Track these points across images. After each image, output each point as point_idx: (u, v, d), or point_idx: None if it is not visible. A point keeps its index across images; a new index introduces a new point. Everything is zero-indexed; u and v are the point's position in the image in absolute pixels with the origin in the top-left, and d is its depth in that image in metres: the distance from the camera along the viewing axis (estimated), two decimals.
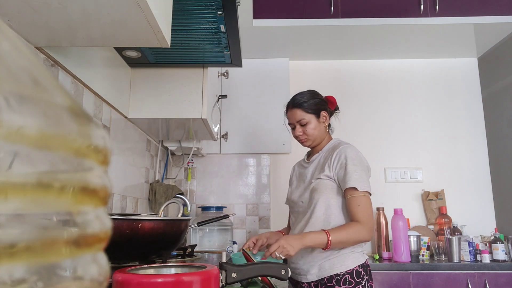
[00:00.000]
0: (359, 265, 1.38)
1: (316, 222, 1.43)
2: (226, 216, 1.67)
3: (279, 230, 1.68)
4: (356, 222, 1.35)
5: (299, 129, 1.53)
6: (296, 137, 1.56)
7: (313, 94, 1.57)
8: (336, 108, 1.63)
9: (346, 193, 1.39)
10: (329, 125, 1.60)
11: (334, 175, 1.44)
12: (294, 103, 1.54)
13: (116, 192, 1.63)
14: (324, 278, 1.38)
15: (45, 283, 0.21)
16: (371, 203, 1.40)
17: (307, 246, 1.31)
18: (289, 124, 1.59)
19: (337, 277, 1.36)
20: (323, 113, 1.54)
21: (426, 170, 2.67)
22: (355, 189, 1.36)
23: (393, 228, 2.20)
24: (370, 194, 1.40)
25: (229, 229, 2.26)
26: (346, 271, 1.37)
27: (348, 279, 1.36)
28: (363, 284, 1.37)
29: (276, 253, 1.25)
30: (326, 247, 1.31)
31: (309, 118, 1.52)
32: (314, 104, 1.53)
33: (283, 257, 1.26)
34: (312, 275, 1.41)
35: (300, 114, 1.52)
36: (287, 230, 1.67)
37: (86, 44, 1.02)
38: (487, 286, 1.97)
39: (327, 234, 1.31)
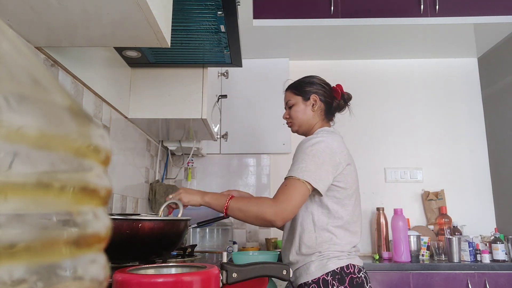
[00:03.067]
0: (326, 273, 1.21)
1: (286, 226, 1.35)
2: (227, 217, 1.67)
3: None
4: (267, 197, 1.21)
5: (286, 112, 1.45)
6: (286, 122, 1.47)
7: (307, 77, 1.47)
8: (345, 99, 1.48)
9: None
10: (331, 114, 1.47)
11: None
12: (289, 85, 1.47)
13: (116, 192, 1.63)
14: (298, 286, 1.27)
15: (45, 283, 0.21)
16: (303, 192, 1.17)
17: (206, 202, 1.25)
18: (284, 108, 1.50)
19: (305, 287, 1.24)
20: (314, 96, 1.40)
21: (426, 170, 2.67)
22: (293, 177, 1.19)
23: (393, 228, 2.20)
24: (318, 190, 1.19)
25: (229, 229, 2.26)
26: (311, 280, 1.22)
27: None
28: None
29: (170, 195, 1.26)
30: (224, 211, 1.21)
31: (296, 100, 1.41)
32: (304, 86, 1.42)
33: (175, 201, 1.25)
34: (293, 283, 1.33)
35: (288, 95, 1.45)
36: None
37: (86, 44, 1.02)
38: (487, 286, 1.96)
39: (228, 198, 1.21)
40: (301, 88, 1.42)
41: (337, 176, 1.26)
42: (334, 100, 1.46)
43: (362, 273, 1.26)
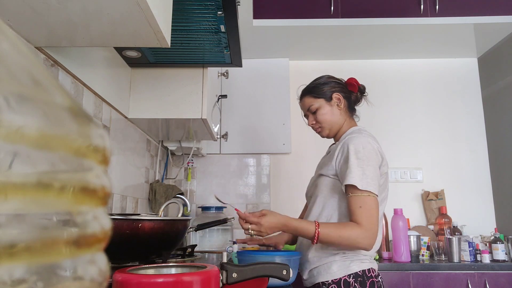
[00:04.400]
0: (348, 275, 1.20)
1: None
2: (225, 221, 1.66)
3: None
4: (354, 224, 1.16)
5: (311, 118, 1.40)
6: (313, 128, 1.42)
7: (319, 78, 1.42)
8: (361, 91, 1.44)
9: (346, 191, 1.21)
10: (353, 109, 1.42)
11: (338, 170, 1.26)
12: (302, 91, 1.42)
13: (116, 192, 1.63)
14: (314, 285, 1.26)
15: (45, 283, 0.21)
16: (376, 205, 1.18)
17: (289, 231, 1.21)
18: (304, 116, 1.46)
19: (323, 286, 1.22)
20: (336, 95, 1.37)
21: (426, 170, 2.67)
22: (355, 187, 1.17)
23: (393, 228, 2.20)
24: (376, 195, 1.19)
25: (229, 229, 2.26)
26: (332, 280, 1.21)
27: None
28: None
29: (250, 230, 1.19)
30: (314, 239, 1.15)
31: (319, 103, 1.36)
32: (322, 87, 1.37)
33: (254, 235, 1.20)
34: (305, 281, 1.32)
35: (308, 100, 1.39)
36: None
37: (86, 44, 1.01)
38: (487, 286, 1.96)
39: (316, 225, 1.16)
40: (319, 90, 1.38)
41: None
42: (352, 94, 1.42)
43: (381, 277, 1.26)
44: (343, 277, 1.20)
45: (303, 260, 1.32)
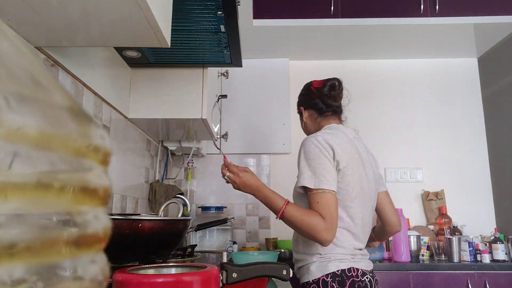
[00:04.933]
0: (326, 275, 1.21)
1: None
2: (225, 221, 1.66)
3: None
4: (318, 214, 1.16)
5: None
6: None
7: (301, 90, 1.52)
8: (326, 87, 1.41)
9: (305, 191, 1.24)
10: (325, 111, 1.42)
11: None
12: None
13: (116, 192, 1.63)
14: (301, 284, 1.29)
15: (45, 283, 0.21)
16: (335, 201, 1.18)
17: (259, 198, 1.26)
18: None
19: (307, 286, 1.25)
20: (301, 109, 1.49)
21: (426, 170, 2.67)
22: (309, 188, 1.20)
23: None
24: (334, 191, 1.19)
25: (229, 229, 2.26)
26: (312, 280, 1.23)
27: None
28: None
29: (227, 176, 1.30)
30: (278, 213, 1.19)
31: (299, 117, 1.51)
32: (297, 102, 1.52)
33: (229, 183, 1.31)
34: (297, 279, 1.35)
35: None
36: None
37: (86, 44, 1.01)
38: (487, 286, 1.96)
39: (285, 202, 1.20)
40: (297, 104, 1.52)
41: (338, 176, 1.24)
42: (315, 98, 1.42)
43: (367, 277, 1.24)
44: (321, 277, 1.21)
45: (294, 258, 1.38)
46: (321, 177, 1.19)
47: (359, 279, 1.22)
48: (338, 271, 1.21)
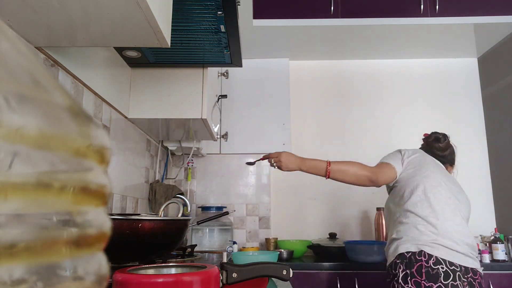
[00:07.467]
0: (396, 256, 1.36)
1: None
2: (226, 213, 1.67)
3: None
4: (359, 163, 1.50)
5: None
6: None
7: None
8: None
9: None
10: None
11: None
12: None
13: (116, 192, 1.63)
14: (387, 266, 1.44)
15: (45, 283, 0.21)
16: (389, 168, 1.49)
17: (304, 170, 1.47)
18: None
19: (389, 268, 1.39)
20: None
21: None
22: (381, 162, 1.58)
23: None
24: (394, 166, 1.51)
25: (229, 229, 2.26)
26: (390, 263, 1.38)
27: (390, 271, 1.37)
28: (398, 277, 1.31)
29: (272, 160, 1.51)
30: (326, 175, 1.43)
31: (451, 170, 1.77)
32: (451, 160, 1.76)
33: (275, 166, 1.52)
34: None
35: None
36: None
37: (86, 44, 1.01)
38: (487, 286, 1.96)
39: (327, 163, 1.44)
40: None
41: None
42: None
43: (441, 266, 1.27)
44: (393, 259, 1.35)
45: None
46: (389, 160, 1.54)
47: (428, 264, 1.30)
48: (406, 253, 1.34)
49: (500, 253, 2.09)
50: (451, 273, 1.26)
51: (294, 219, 2.64)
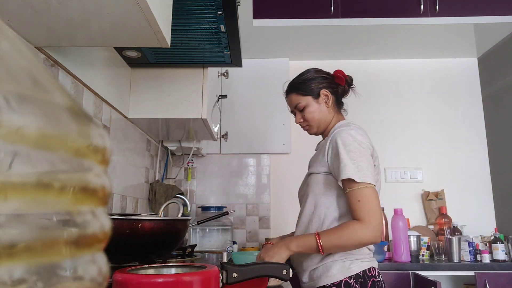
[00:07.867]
0: (348, 276, 1.15)
1: (303, 224, 1.28)
2: (226, 213, 1.67)
3: (286, 234, 1.53)
4: (354, 221, 1.11)
5: (298, 116, 1.35)
6: (300, 126, 1.39)
7: (304, 73, 1.36)
8: (349, 83, 1.41)
9: (344, 187, 1.16)
10: (340, 103, 1.40)
11: (330, 166, 1.22)
12: (288, 87, 1.38)
13: (116, 192, 1.63)
14: None
15: (45, 283, 0.21)
16: (376, 196, 1.14)
17: (295, 252, 1.16)
18: (291, 112, 1.41)
19: None
20: (324, 91, 1.32)
21: (426, 170, 2.67)
22: (353, 180, 1.12)
23: (393, 228, 2.20)
24: (374, 185, 1.15)
25: (229, 229, 2.26)
26: (332, 283, 1.15)
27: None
28: None
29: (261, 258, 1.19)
30: (320, 252, 1.12)
31: (306, 100, 1.31)
32: (310, 83, 1.32)
33: None
34: (305, 284, 1.25)
35: (294, 98, 1.34)
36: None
37: (86, 44, 1.01)
38: (487, 286, 1.96)
39: (316, 237, 1.12)
40: (306, 86, 1.33)
41: None
42: (339, 87, 1.39)
43: (381, 277, 1.21)
44: (343, 279, 1.15)
45: (302, 259, 1.26)
46: (365, 170, 1.14)
47: (378, 279, 1.18)
48: (360, 272, 1.16)
49: (500, 253, 2.09)
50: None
51: (294, 219, 2.63)
